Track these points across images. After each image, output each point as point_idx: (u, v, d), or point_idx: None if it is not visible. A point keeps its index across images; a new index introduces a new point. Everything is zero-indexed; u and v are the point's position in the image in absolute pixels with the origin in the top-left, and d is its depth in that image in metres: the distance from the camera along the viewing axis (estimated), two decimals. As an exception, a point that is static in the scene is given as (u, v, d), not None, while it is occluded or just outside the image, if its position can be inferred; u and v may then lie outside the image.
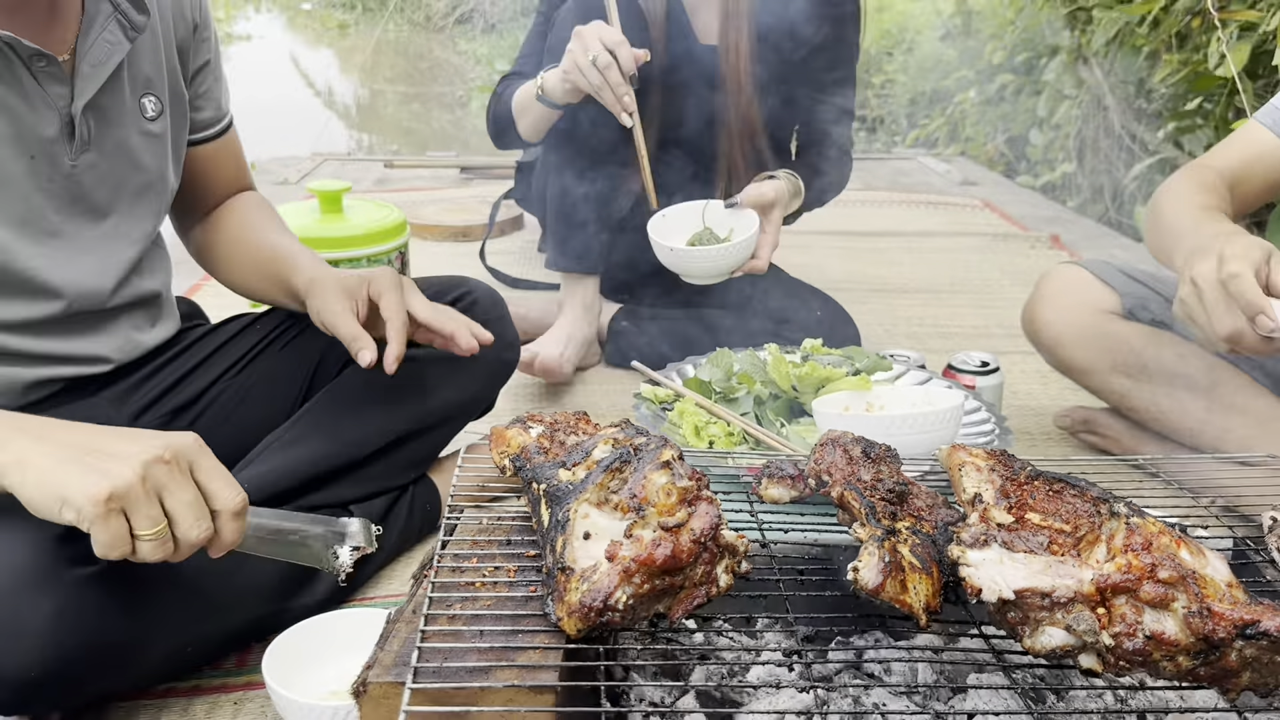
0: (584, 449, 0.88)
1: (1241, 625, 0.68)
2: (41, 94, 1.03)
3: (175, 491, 0.82)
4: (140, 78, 1.15)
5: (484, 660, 0.72)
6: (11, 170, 1.03)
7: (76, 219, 1.11)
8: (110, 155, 1.12)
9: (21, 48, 0.99)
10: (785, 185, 1.65)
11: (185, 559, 0.85)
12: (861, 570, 0.73)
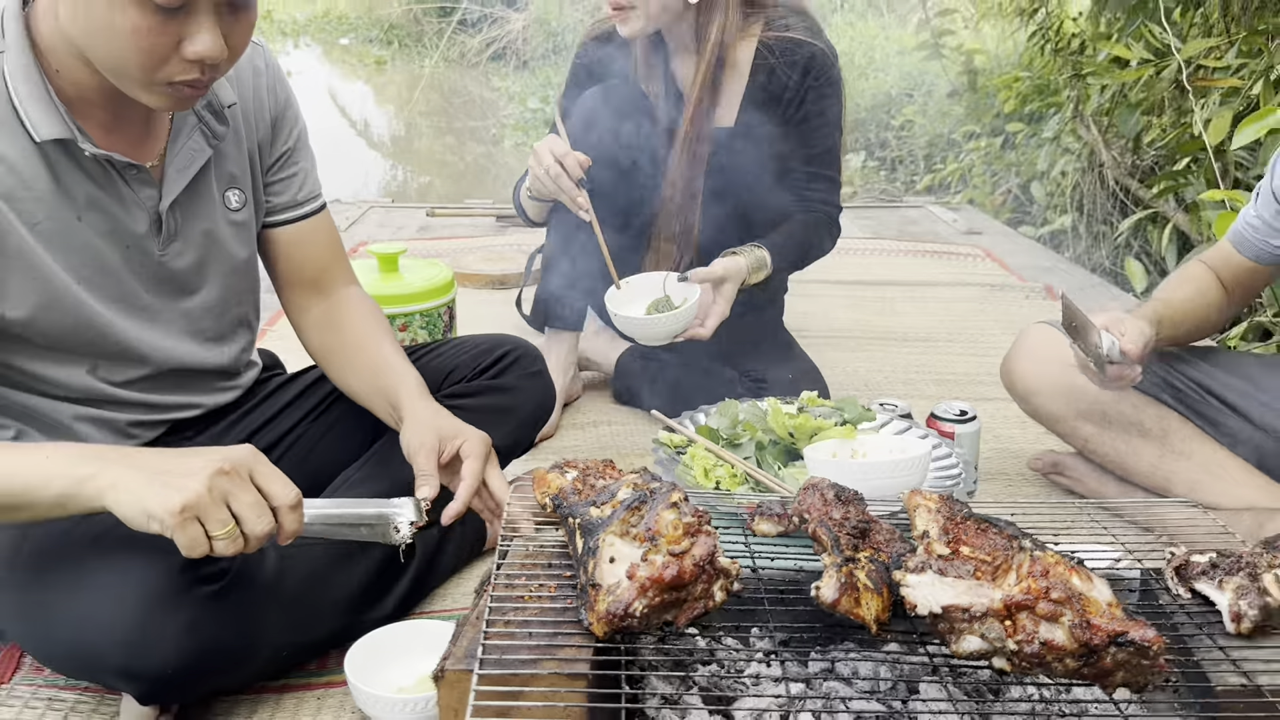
0: (610, 490, 1.10)
1: (1114, 635, 0.88)
2: (134, 196, 1.22)
3: (238, 495, 1.00)
4: (225, 174, 1.33)
5: (532, 654, 0.94)
6: (110, 259, 1.23)
7: (165, 298, 1.30)
8: (196, 244, 1.30)
9: (117, 161, 1.19)
10: (743, 261, 1.85)
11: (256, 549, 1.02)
12: (822, 588, 0.94)
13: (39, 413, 1.27)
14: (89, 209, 1.19)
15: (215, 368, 1.39)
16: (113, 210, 1.21)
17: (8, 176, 1.13)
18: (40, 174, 1.15)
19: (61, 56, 1.12)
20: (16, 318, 1.17)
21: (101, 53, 1.07)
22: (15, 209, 1.14)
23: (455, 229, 3.61)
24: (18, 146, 1.13)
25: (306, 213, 1.44)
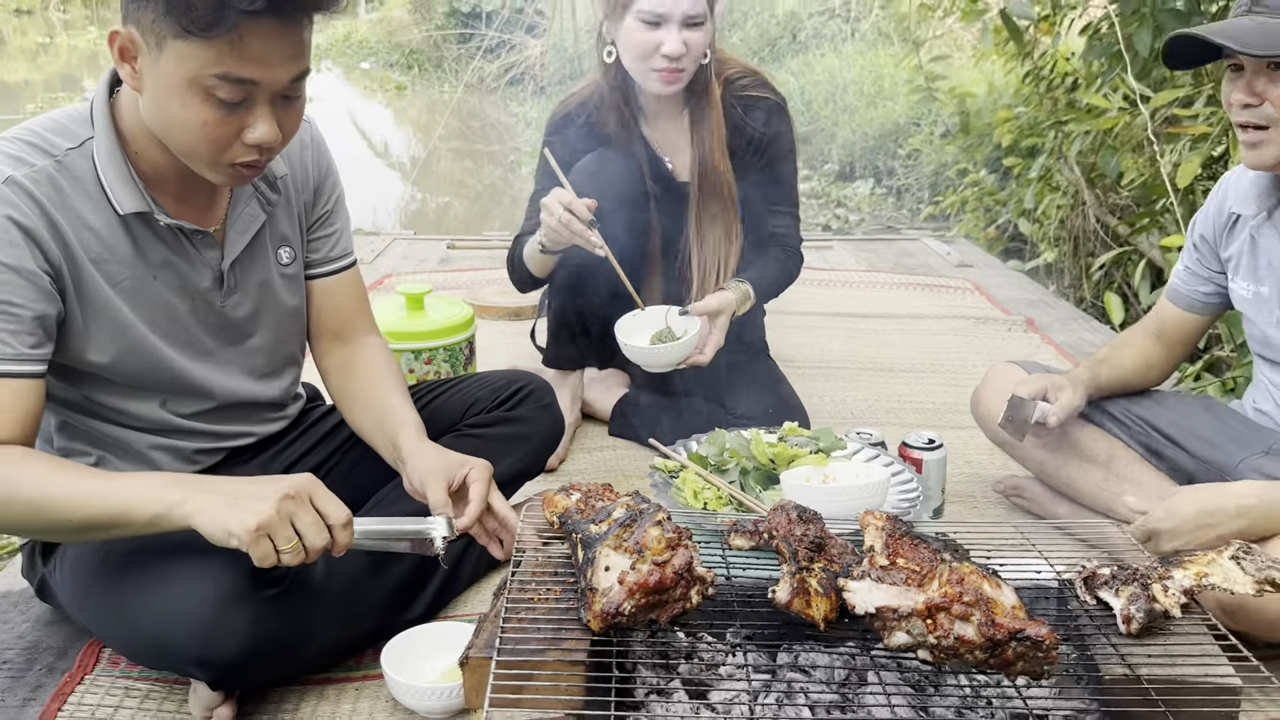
0: (606, 510, 1.30)
1: (1014, 632, 1.08)
2: (200, 257, 1.44)
3: (300, 516, 1.21)
4: (278, 235, 1.54)
5: (540, 645, 1.14)
6: (179, 311, 1.45)
7: (225, 342, 1.51)
8: (253, 295, 1.52)
9: (186, 228, 1.41)
10: (733, 295, 2.07)
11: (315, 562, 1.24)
12: (778, 591, 1.15)
13: (118, 441, 1.48)
14: (162, 269, 1.41)
15: (267, 401, 1.61)
16: (182, 269, 1.43)
17: (96, 244, 1.35)
18: (122, 241, 1.37)
19: (141, 141, 1.35)
20: (101, 362, 1.39)
21: (176, 142, 1.29)
22: (101, 270, 1.36)
23: (474, 260, 3.83)
24: (104, 218, 1.35)
25: (339, 268, 1.65)
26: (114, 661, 1.54)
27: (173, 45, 1.19)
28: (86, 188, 1.33)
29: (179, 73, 1.21)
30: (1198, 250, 1.81)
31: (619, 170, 2.12)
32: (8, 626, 1.65)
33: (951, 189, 5.14)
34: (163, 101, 1.25)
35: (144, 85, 1.26)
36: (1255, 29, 1.49)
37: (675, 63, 2.01)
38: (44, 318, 1.29)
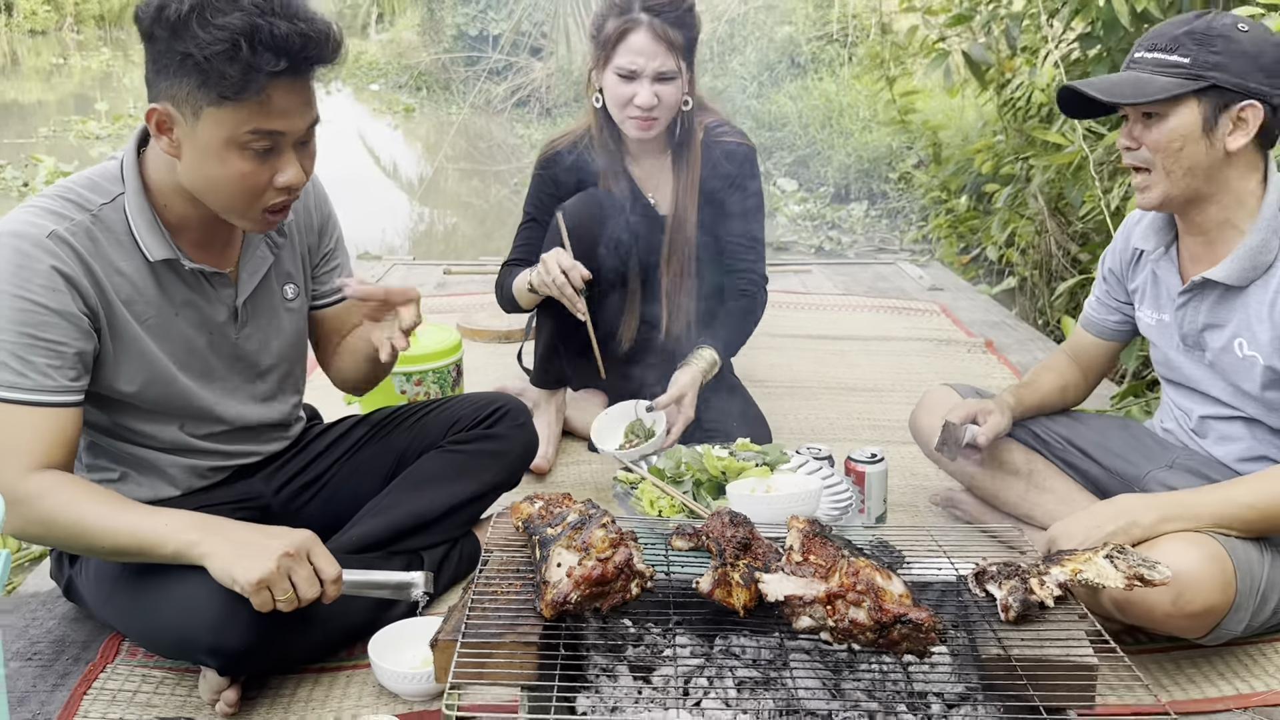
0: (562, 516, 1.50)
1: (898, 616, 1.26)
2: (216, 295, 1.65)
3: (297, 571, 1.42)
4: (283, 273, 1.75)
5: (500, 629, 1.33)
6: (197, 344, 1.65)
7: (237, 372, 1.72)
8: (263, 327, 1.73)
9: (206, 271, 1.62)
10: (697, 372, 2.26)
11: None
12: (701, 581, 1.34)
13: (140, 459, 1.68)
14: (184, 307, 1.62)
15: (272, 422, 1.81)
16: (202, 307, 1.64)
17: (126, 287, 1.55)
18: (149, 284, 1.57)
19: (166, 194, 1.55)
20: (129, 390, 1.59)
21: (218, 197, 1.49)
22: (131, 310, 1.56)
23: (469, 285, 4.03)
24: (134, 264, 1.55)
25: (334, 301, 1.87)
26: (132, 652, 1.73)
27: (209, 113, 1.40)
28: (119, 238, 1.53)
29: (217, 136, 1.41)
30: (1106, 283, 2.00)
31: (604, 203, 2.33)
32: (37, 623, 1.84)
33: (935, 215, 5.33)
34: (202, 163, 1.45)
35: (183, 152, 1.46)
36: (1129, 81, 1.68)
37: (648, 113, 2.23)
38: (83, 354, 1.50)
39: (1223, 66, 1.61)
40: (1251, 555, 1.58)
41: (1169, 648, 1.72)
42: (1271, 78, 1.62)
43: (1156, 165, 1.68)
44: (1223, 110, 1.63)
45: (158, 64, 1.42)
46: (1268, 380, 1.71)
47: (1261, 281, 1.69)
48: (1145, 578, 1.40)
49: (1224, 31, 1.63)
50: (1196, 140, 1.65)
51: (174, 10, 1.37)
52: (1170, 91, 1.62)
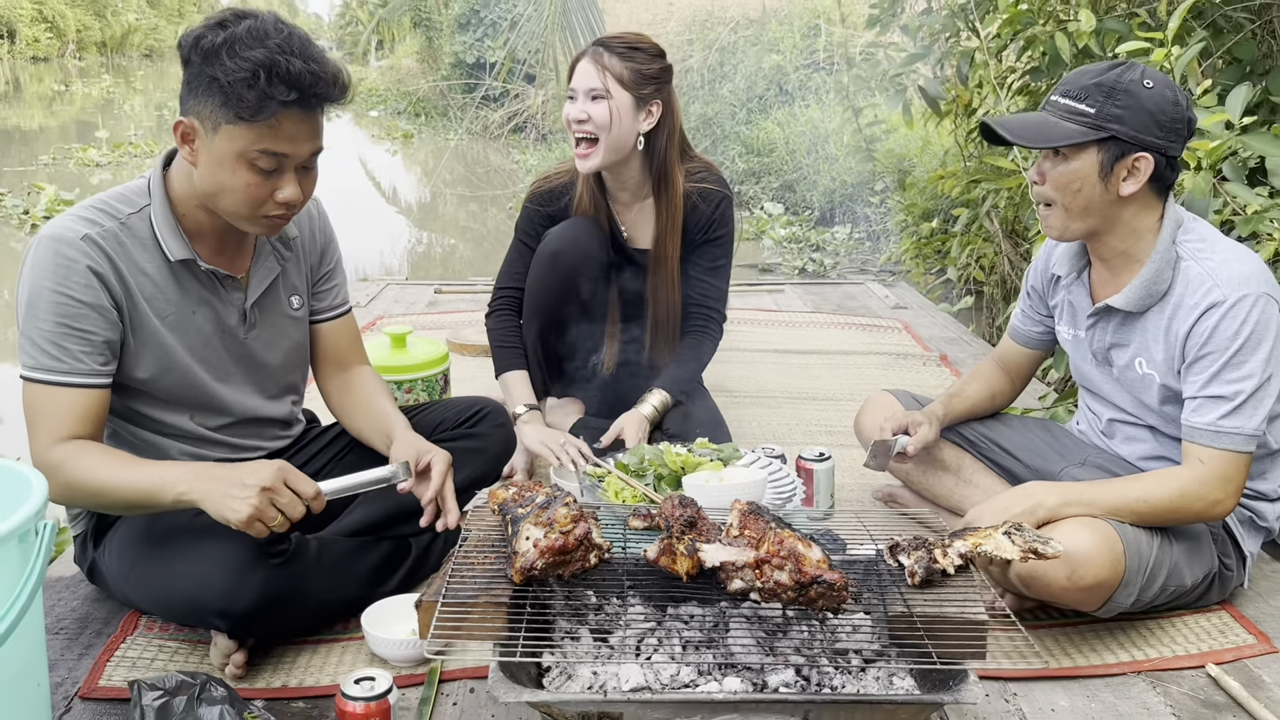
0: (531, 498, 1.71)
1: (814, 577, 1.48)
2: (229, 297, 1.87)
3: (278, 498, 1.62)
4: (289, 283, 1.97)
5: (475, 592, 1.54)
6: (211, 340, 1.87)
7: (243, 368, 1.93)
8: (269, 331, 1.95)
9: (220, 274, 1.84)
10: (643, 414, 2.47)
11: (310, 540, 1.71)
12: (649, 550, 1.55)
13: (155, 447, 1.89)
14: (200, 306, 1.84)
15: (273, 418, 2.02)
16: (216, 307, 1.86)
17: (149, 285, 1.77)
18: (170, 283, 1.79)
19: (187, 205, 1.78)
20: (145, 378, 1.80)
21: (225, 202, 1.72)
22: (152, 307, 1.78)
23: (458, 304, 4.25)
24: (156, 265, 1.77)
25: (339, 314, 2.10)
26: (149, 626, 1.93)
27: (226, 129, 1.63)
28: (144, 242, 1.76)
29: (230, 149, 1.64)
30: (1030, 298, 2.22)
31: (588, 236, 2.56)
32: (62, 603, 2.05)
33: (907, 236, 5.57)
34: (215, 172, 1.68)
35: (199, 161, 1.70)
36: (1038, 125, 1.85)
37: (580, 128, 2.44)
38: (110, 342, 1.73)
39: (1123, 120, 1.76)
40: (1140, 537, 1.80)
41: (1076, 622, 1.93)
42: (1167, 133, 1.78)
43: (1057, 202, 1.86)
44: (1119, 159, 1.78)
45: (191, 84, 1.66)
46: (1164, 396, 1.91)
47: (1157, 308, 1.87)
48: (1039, 551, 1.61)
49: (1129, 87, 1.77)
50: (1094, 184, 1.81)
51: (209, 41, 1.62)
52: (1073, 139, 1.79)
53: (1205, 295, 1.79)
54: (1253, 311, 1.76)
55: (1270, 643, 1.87)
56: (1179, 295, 1.84)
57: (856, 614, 1.65)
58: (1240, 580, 1.98)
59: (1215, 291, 1.78)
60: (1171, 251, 1.86)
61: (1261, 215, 2.11)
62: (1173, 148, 1.81)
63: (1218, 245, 1.85)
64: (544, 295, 2.53)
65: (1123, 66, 1.82)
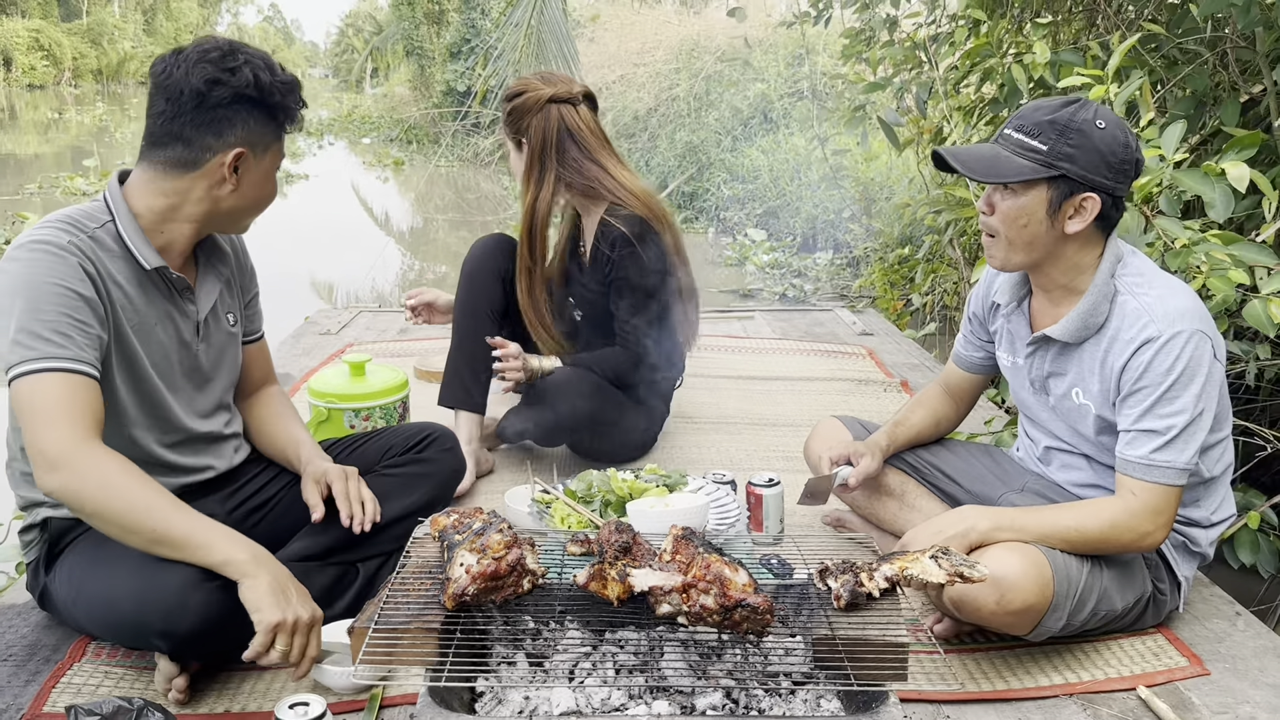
0: (468, 525, 1.74)
1: (738, 601, 1.50)
2: (187, 310, 1.92)
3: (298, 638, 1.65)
4: (225, 302, 2.03)
5: (408, 619, 1.57)
6: (171, 353, 1.90)
7: (194, 382, 1.97)
8: (214, 346, 2.00)
9: (182, 284, 1.90)
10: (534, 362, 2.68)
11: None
12: (579, 575, 1.58)
13: None
14: (163, 319, 1.88)
15: (219, 434, 2.04)
16: (176, 319, 1.91)
17: (120, 295, 1.81)
18: (139, 294, 1.84)
19: (149, 218, 1.83)
20: (114, 388, 1.81)
21: (256, 210, 1.90)
22: (124, 314, 1.81)
23: (429, 330, 4.27)
24: (127, 275, 1.82)
25: (256, 338, 2.19)
26: (96, 653, 1.95)
27: (274, 147, 1.86)
28: (114, 253, 1.81)
29: (273, 163, 1.87)
30: (971, 324, 2.26)
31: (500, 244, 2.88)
32: (13, 630, 2.06)
33: (878, 261, 5.62)
34: (261, 187, 1.87)
35: (244, 183, 1.83)
36: (988, 156, 1.85)
37: None
38: (102, 340, 1.77)
39: (1074, 159, 1.77)
40: (1070, 562, 1.82)
41: (1013, 645, 1.96)
42: (1115, 174, 1.80)
43: (1001, 234, 1.88)
44: (1067, 197, 1.80)
45: (226, 116, 1.77)
46: (1099, 426, 1.94)
47: (1094, 340, 1.90)
48: (965, 574, 1.64)
49: (1082, 126, 1.78)
50: (1040, 220, 1.82)
51: (245, 76, 1.77)
52: (1024, 176, 1.79)
53: (1141, 330, 1.82)
54: (1186, 348, 1.78)
55: (1202, 665, 1.90)
56: (1115, 328, 1.87)
57: (788, 638, 1.67)
58: (1175, 604, 2.01)
59: (1151, 327, 1.81)
60: (1110, 285, 1.88)
61: (1191, 249, 2.15)
62: (1120, 188, 1.82)
63: (1155, 280, 1.87)
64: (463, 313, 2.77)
65: (1076, 104, 1.82)
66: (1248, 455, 2.78)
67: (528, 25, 5.08)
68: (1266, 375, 2.85)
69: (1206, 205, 2.23)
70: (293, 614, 1.64)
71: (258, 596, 1.64)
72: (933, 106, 3.53)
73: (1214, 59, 3.19)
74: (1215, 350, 1.82)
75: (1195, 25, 3.15)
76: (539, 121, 2.67)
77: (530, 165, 2.70)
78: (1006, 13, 3.67)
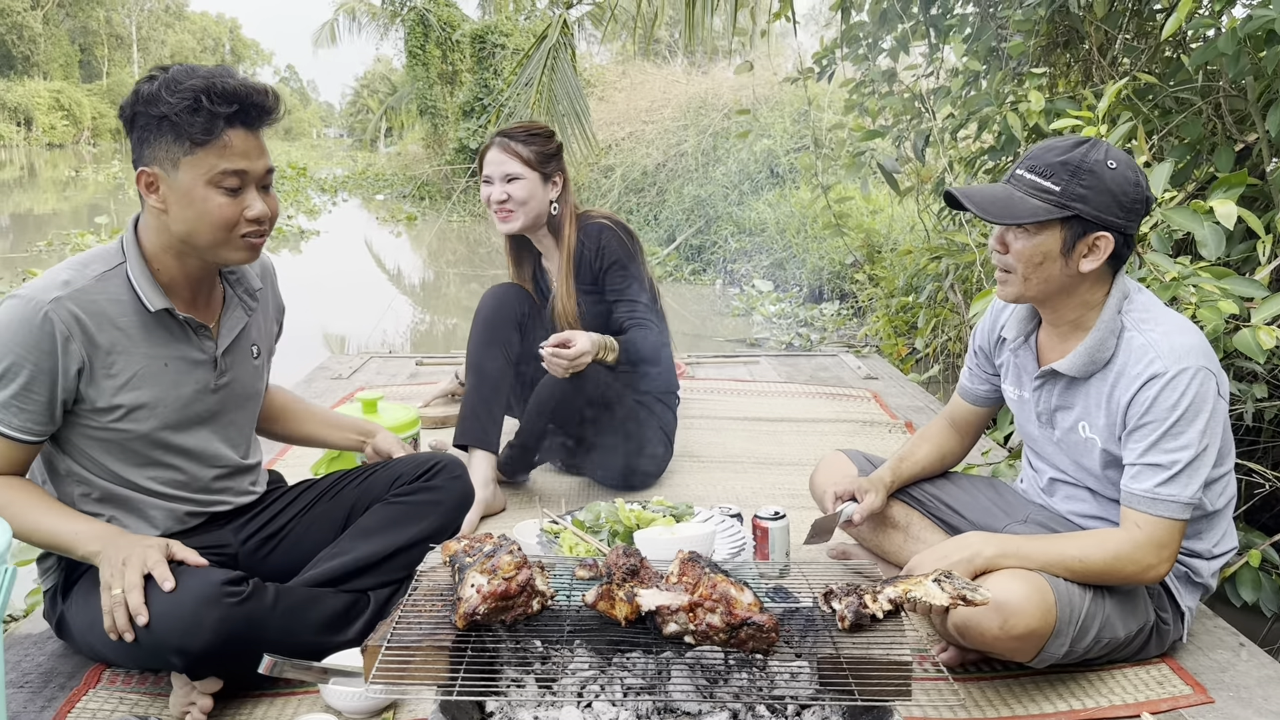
0: (480, 548, 1.77)
1: (744, 620, 1.53)
2: (201, 346, 1.96)
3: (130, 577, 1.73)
4: (251, 336, 2.08)
5: (420, 638, 1.60)
6: (185, 390, 1.95)
7: (212, 418, 2.01)
8: (235, 380, 2.04)
9: (194, 322, 1.94)
10: (595, 338, 2.75)
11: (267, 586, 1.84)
12: (588, 595, 1.61)
13: (127, 502, 1.96)
14: (173, 359, 1.92)
15: (239, 466, 2.09)
16: (188, 355, 1.95)
17: (121, 339, 1.86)
18: (143, 336, 1.88)
19: (161, 258, 1.89)
20: (114, 431, 1.87)
21: (202, 233, 1.82)
22: (120, 358, 1.85)
23: (437, 375, 4.34)
24: (129, 318, 1.87)
25: None
26: (111, 680, 1.98)
27: (185, 161, 1.76)
28: (118, 298, 1.86)
29: (194, 178, 1.77)
30: (977, 358, 2.29)
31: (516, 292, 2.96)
32: (29, 658, 2.10)
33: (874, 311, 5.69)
34: (187, 206, 1.79)
35: (169, 204, 1.80)
36: (1002, 197, 1.86)
37: (500, 205, 2.83)
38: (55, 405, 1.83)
39: (1087, 199, 1.80)
40: (1073, 589, 1.85)
41: (1018, 674, 1.97)
42: (1127, 213, 1.83)
43: (1017, 271, 1.90)
44: (1080, 237, 1.83)
45: (140, 137, 1.79)
46: (1105, 461, 1.96)
47: (1101, 375, 1.93)
48: (968, 598, 1.66)
49: (1094, 167, 1.81)
50: (1055, 259, 1.86)
51: (147, 90, 1.75)
52: (1038, 217, 1.82)
53: (1147, 366, 1.85)
54: (1192, 384, 1.81)
55: (1206, 693, 1.91)
56: (1121, 364, 1.90)
57: (794, 660, 1.69)
58: (1178, 634, 2.03)
59: (1157, 363, 1.83)
60: (1116, 321, 1.91)
61: (1180, 282, 2.20)
62: (1131, 226, 1.86)
63: (1161, 317, 1.90)
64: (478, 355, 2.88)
65: (1088, 145, 1.85)
66: (1248, 494, 2.80)
67: (539, 83, 5.22)
68: (1267, 416, 2.88)
69: (1199, 244, 2.28)
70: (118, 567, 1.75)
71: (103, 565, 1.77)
72: (931, 154, 3.62)
73: (1208, 108, 3.27)
74: (1219, 387, 1.86)
75: (1188, 75, 3.24)
76: (561, 163, 2.92)
77: (565, 199, 2.90)
78: (1004, 65, 3.77)
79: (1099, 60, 3.58)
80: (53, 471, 1.94)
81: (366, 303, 8.97)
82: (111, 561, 1.76)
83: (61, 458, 1.92)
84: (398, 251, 14.69)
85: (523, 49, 19.04)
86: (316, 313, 8.26)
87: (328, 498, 2.21)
